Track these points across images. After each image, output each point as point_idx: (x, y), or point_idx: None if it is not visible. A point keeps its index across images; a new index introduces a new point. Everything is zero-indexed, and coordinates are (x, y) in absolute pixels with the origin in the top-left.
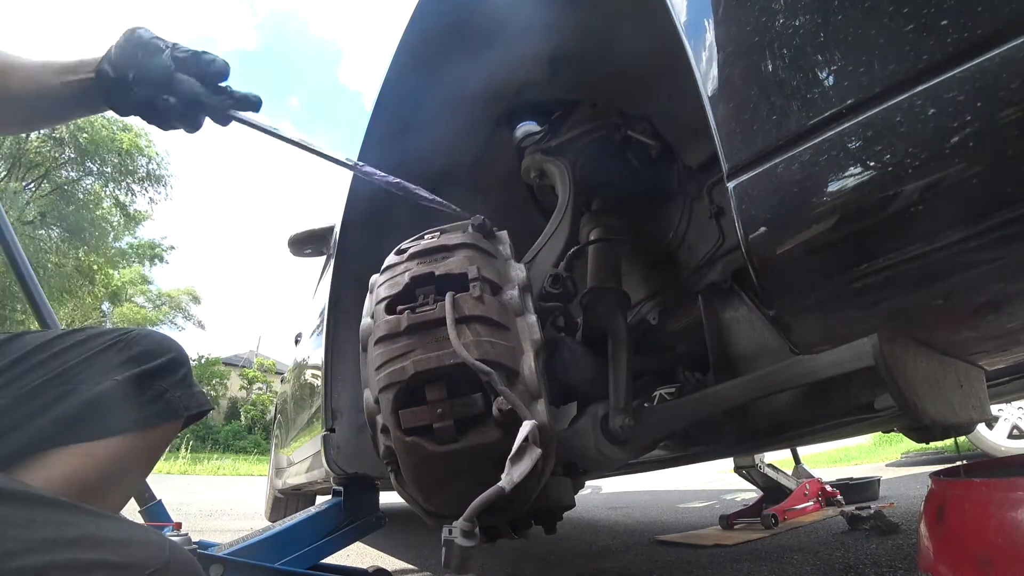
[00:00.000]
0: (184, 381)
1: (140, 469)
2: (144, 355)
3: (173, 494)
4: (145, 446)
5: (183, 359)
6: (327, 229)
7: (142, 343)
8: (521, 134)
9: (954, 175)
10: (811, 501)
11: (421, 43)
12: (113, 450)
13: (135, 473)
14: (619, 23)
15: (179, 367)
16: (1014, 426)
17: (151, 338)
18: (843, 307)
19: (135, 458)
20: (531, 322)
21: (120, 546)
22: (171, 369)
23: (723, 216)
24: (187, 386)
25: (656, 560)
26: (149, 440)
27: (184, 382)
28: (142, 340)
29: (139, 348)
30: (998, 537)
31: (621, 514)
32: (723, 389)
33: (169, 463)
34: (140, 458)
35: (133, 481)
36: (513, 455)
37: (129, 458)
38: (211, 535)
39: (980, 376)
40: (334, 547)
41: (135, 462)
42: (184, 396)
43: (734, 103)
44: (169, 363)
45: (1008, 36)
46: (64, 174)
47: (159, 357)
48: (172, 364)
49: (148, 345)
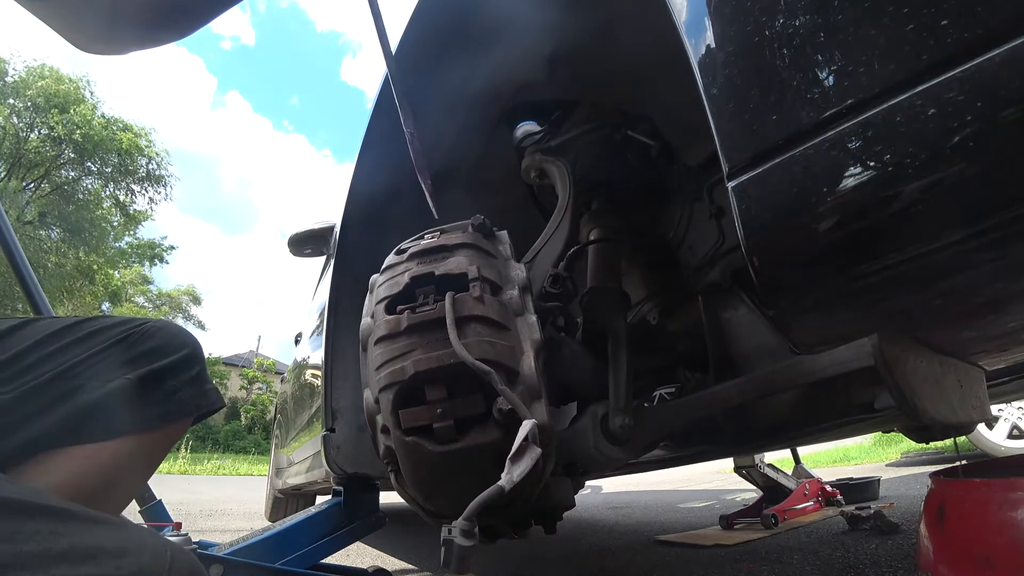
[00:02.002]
0: (197, 379)
1: (145, 469)
2: (156, 351)
3: (173, 494)
4: (151, 446)
5: (197, 355)
6: (327, 229)
7: (155, 337)
8: (521, 134)
9: (954, 175)
10: (811, 501)
11: (421, 43)
12: (119, 451)
13: (140, 474)
14: (619, 23)
15: (192, 364)
16: (1014, 426)
17: (165, 332)
18: (843, 307)
19: (140, 459)
20: (531, 322)
21: (115, 557)
22: (184, 366)
23: (723, 216)
24: (199, 384)
25: (656, 560)
26: (156, 440)
27: (197, 380)
28: (156, 334)
29: (151, 343)
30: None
31: (621, 514)
32: (723, 389)
33: (169, 463)
34: (146, 459)
35: (137, 481)
36: (513, 455)
37: (135, 459)
38: (211, 535)
39: (980, 376)
40: (334, 547)
41: (140, 463)
42: (196, 395)
43: (734, 103)
44: (182, 360)
45: (1008, 36)
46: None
47: (172, 354)
48: (185, 361)
49: (161, 340)
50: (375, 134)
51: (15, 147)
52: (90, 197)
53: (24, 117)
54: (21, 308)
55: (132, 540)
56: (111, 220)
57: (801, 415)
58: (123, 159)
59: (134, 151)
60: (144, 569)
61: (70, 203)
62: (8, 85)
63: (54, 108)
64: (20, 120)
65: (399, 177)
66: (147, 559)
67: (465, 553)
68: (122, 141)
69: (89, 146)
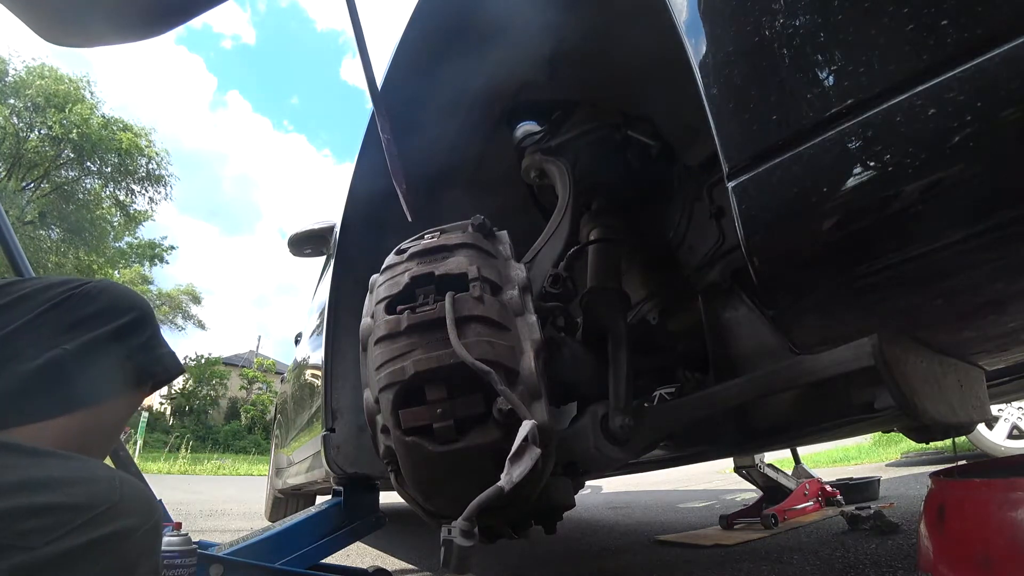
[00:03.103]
0: (148, 344)
1: (100, 444)
2: (100, 314)
3: (173, 494)
4: (104, 420)
5: (148, 317)
6: (327, 229)
7: (98, 300)
8: (521, 134)
9: (954, 175)
10: (811, 501)
11: (421, 43)
12: (62, 432)
13: (94, 451)
14: (619, 23)
15: (143, 327)
16: (1014, 426)
17: (109, 292)
18: (843, 307)
19: (93, 435)
20: (531, 322)
21: (65, 486)
22: (132, 330)
23: (723, 216)
24: (151, 349)
25: (656, 560)
26: (108, 413)
27: (148, 345)
28: (98, 296)
29: (94, 306)
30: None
31: (621, 514)
32: (723, 389)
33: (169, 463)
34: (99, 434)
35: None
36: (513, 455)
37: (85, 436)
38: (211, 535)
39: (980, 376)
40: (334, 547)
41: (93, 439)
42: (148, 361)
43: (734, 103)
44: (130, 324)
45: (1008, 36)
46: (64, 174)
47: (119, 317)
48: (133, 324)
49: (105, 302)
50: (375, 134)
51: (15, 147)
52: (90, 197)
53: (24, 117)
54: None
55: (82, 470)
56: (111, 220)
57: (801, 415)
58: (123, 159)
59: (134, 151)
60: (96, 496)
61: (70, 203)
62: (8, 85)
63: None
64: (20, 120)
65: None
66: (99, 487)
67: (465, 553)
68: (122, 141)
69: (88, 146)
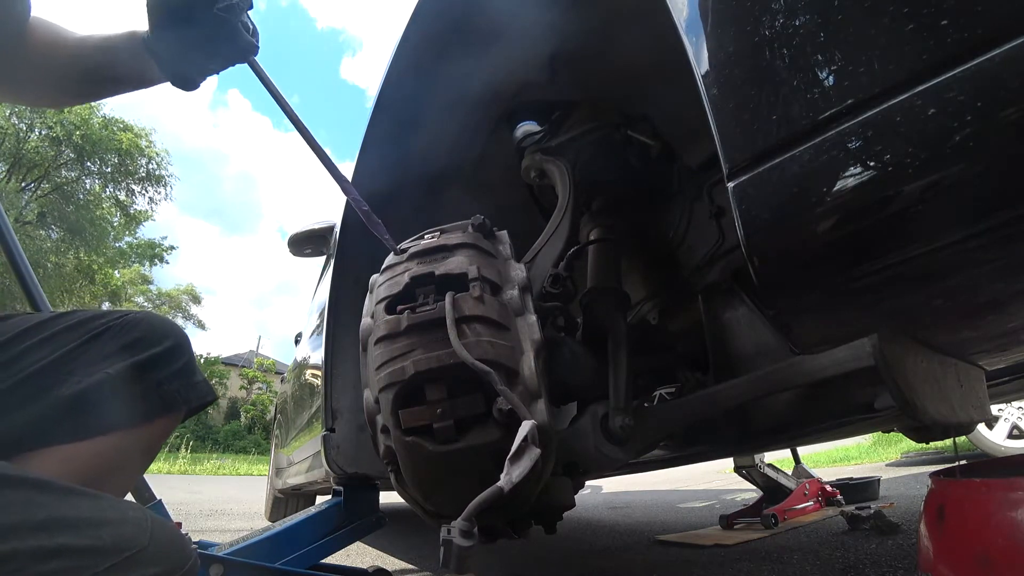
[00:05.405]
0: (184, 370)
1: (134, 466)
2: (140, 342)
3: (173, 494)
4: (139, 442)
5: (184, 346)
6: (327, 229)
7: (138, 328)
8: (521, 134)
9: (954, 175)
10: (811, 501)
11: (421, 43)
12: (102, 449)
13: (128, 470)
14: (619, 24)
15: (179, 355)
16: (1014, 426)
17: (148, 322)
18: (843, 307)
19: (128, 456)
20: (531, 322)
21: (93, 527)
22: (169, 358)
23: (723, 216)
24: (187, 375)
25: (656, 560)
26: (144, 436)
27: (184, 371)
28: (138, 325)
29: (134, 334)
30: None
31: (621, 514)
32: (723, 389)
33: (169, 463)
34: (134, 455)
35: (127, 478)
36: (512, 455)
37: (121, 456)
38: (211, 535)
39: (980, 376)
40: (334, 547)
41: (128, 460)
42: (183, 388)
43: (734, 103)
44: (167, 352)
45: (1008, 36)
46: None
47: (156, 345)
48: (170, 352)
49: (144, 331)
50: (375, 134)
51: (15, 147)
52: (90, 197)
53: (24, 117)
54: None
55: (112, 511)
56: (111, 220)
57: (801, 415)
58: (123, 159)
59: (134, 151)
60: (124, 539)
61: (70, 203)
62: None
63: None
64: (20, 120)
65: (399, 177)
66: (128, 530)
67: (464, 553)
68: (122, 141)
69: (88, 146)
